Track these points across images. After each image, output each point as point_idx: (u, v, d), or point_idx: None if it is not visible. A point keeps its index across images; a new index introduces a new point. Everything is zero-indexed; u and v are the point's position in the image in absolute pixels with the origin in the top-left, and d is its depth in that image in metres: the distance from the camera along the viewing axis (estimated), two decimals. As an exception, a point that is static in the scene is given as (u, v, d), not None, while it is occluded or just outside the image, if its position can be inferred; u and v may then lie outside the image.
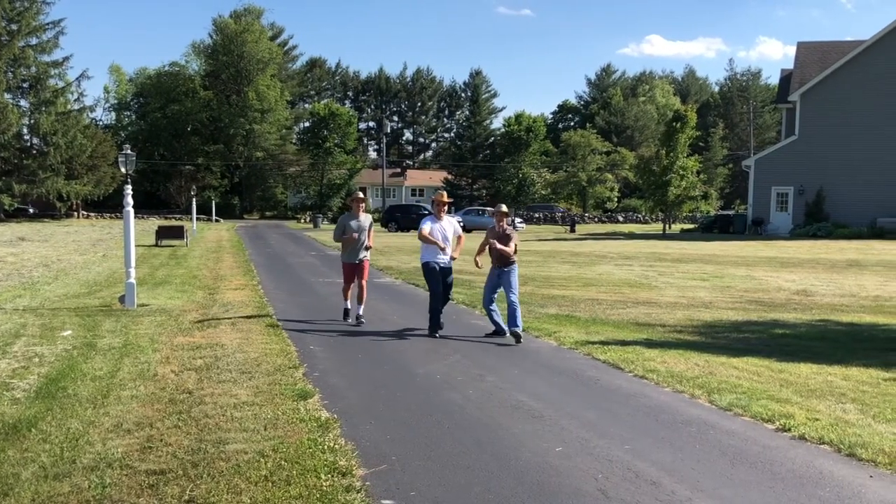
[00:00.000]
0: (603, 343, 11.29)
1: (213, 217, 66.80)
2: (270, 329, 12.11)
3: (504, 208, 12.21)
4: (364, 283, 13.21)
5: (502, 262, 11.85)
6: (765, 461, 6.06)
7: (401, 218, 53.79)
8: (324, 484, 5.41)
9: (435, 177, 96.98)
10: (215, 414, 7.16)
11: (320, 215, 66.96)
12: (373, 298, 14.96)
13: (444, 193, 12.48)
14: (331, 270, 23.00)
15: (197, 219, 52.42)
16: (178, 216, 68.17)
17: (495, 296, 12.09)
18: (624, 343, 11.36)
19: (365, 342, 11.27)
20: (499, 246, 11.71)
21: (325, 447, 6.18)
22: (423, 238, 12.04)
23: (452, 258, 12.28)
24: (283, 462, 5.82)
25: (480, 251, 12.32)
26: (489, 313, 12.11)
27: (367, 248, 13.20)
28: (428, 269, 12.08)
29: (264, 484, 5.41)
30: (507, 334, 11.69)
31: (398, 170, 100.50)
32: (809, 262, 27.83)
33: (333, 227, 18.52)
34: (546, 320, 13.76)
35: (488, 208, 64.63)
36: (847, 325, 14.15)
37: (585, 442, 6.50)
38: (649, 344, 11.49)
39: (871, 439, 6.48)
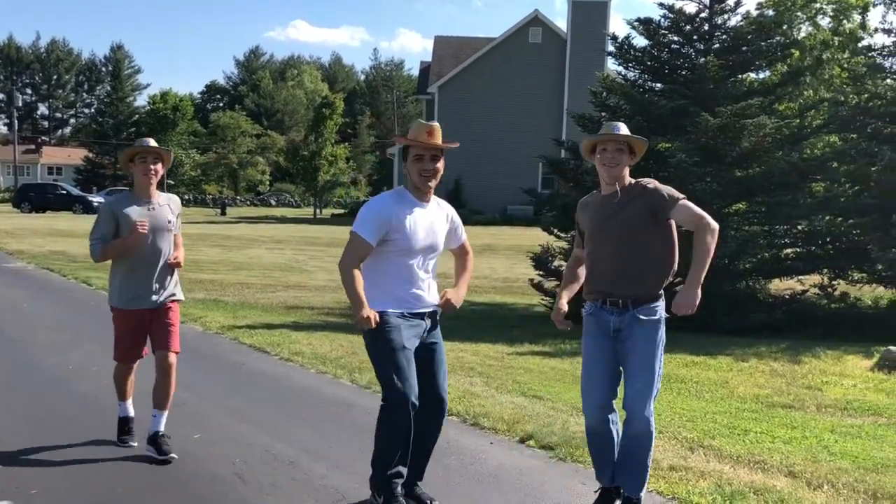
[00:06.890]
0: (250, 327, 11.23)
1: None
2: None
3: (624, 128, 4.59)
4: (172, 360, 5.74)
5: (618, 292, 4.57)
6: (399, 435, 6.34)
7: (35, 198, 51.26)
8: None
9: (74, 154, 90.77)
10: None
11: (-62, 195, 60.03)
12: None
13: (436, 126, 4.72)
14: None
15: None
16: None
17: (614, 395, 4.73)
18: (271, 326, 11.39)
19: None
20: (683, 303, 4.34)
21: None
22: (344, 275, 4.91)
23: (447, 304, 4.89)
24: None
25: (569, 283, 4.94)
26: (594, 437, 4.75)
27: (172, 269, 5.87)
28: (386, 331, 4.64)
29: None
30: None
31: (32, 146, 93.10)
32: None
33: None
34: (193, 305, 13.38)
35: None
36: (480, 305, 15.26)
37: (227, 428, 6.43)
38: (297, 327, 11.62)
39: (493, 409, 7.03)
